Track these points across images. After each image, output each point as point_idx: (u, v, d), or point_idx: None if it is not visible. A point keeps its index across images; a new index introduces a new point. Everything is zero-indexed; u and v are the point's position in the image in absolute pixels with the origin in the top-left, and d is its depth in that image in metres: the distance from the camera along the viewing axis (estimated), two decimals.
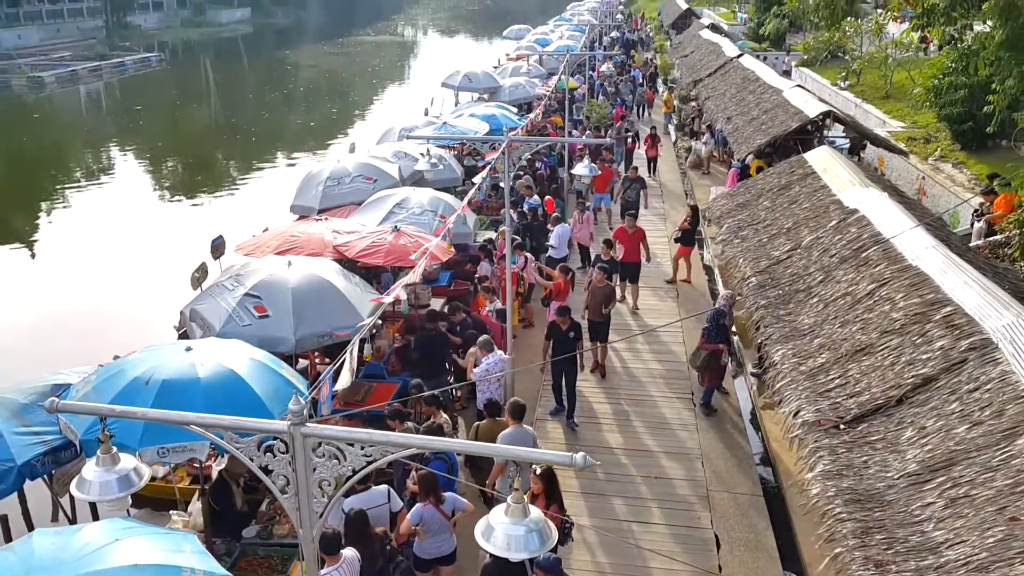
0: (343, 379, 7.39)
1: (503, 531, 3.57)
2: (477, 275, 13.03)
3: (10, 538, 7.29)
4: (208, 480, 8.17)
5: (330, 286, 9.37)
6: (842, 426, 6.85)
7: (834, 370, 7.65)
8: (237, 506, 8.08)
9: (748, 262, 11.01)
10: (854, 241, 9.54)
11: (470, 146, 19.59)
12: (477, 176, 13.49)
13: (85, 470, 4.31)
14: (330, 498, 4.03)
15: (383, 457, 3.90)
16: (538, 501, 7.09)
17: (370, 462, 3.90)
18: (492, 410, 8.62)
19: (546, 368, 10.82)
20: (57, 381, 7.61)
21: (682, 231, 15.13)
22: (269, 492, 4.27)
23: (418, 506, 7.11)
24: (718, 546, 8.51)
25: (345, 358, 7.60)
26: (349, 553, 6.36)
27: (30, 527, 7.34)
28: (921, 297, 7.64)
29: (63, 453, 7.03)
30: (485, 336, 10.01)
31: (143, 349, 7.67)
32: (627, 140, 22.90)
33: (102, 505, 7.57)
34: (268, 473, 4.05)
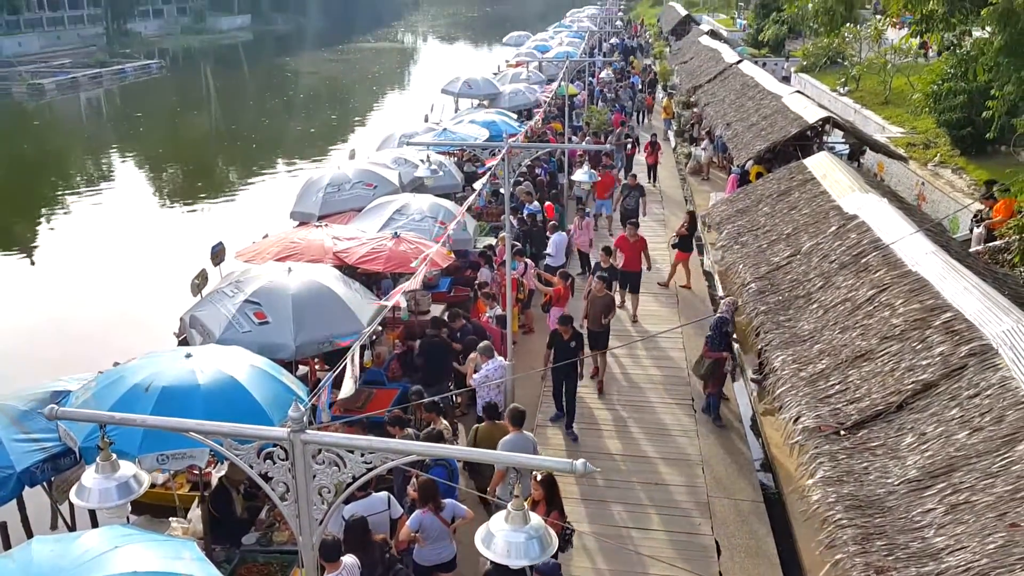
0: (346, 387, 7.39)
1: (503, 538, 3.56)
2: (477, 281, 13.03)
3: (9, 545, 7.28)
4: (208, 487, 8.16)
5: (330, 292, 9.36)
6: (842, 432, 6.84)
7: (834, 376, 7.65)
8: (237, 513, 8.07)
9: (748, 268, 11.01)
10: (854, 247, 9.55)
11: (470, 152, 19.62)
12: (477, 182, 13.52)
13: (84, 477, 4.31)
14: (330, 505, 4.03)
15: (383, 464, 3.90)
16: (538, 508, 7.07)
17: (370, 469, 3.90)
18: (491, 413, 8.64)
19: (546, 375, 10.81)
20: (57, 388, 7.60)
21: (679, 237, 15.13)
22: (269, 499, 4.26)
23: (417, 512, 7.09)
24: (719, 552, 8.49)
25: (346, 365, 7.60)
26: (349, 560, 6.35)
27: (29, 534, 7.32)
28: (921, 303, 7.64)
29: (62, 460, 7.01)
30: (485, 342, 10.01)
31: (143, 356, 7.66)
32: (627, 146, 22.94)
33: (101, 512, 7.55)
34: (268, 480, 4.05)
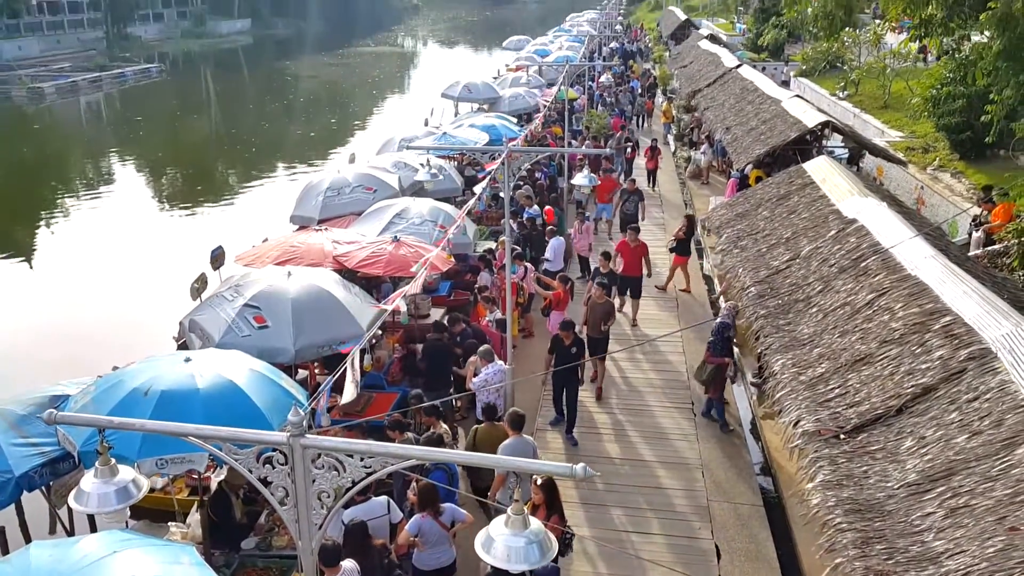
0: (347, 392, 7.38)
1: (503, 542, 3.56)
2: (477, 285, 13.04)
3: (7, 550, 7.26)
4: (207, 491, 8.15)
5: (330, 296, 9.37)
6: (842, 436, 6.84)
7: (834, 380, 7.65)
8: (236, 518, 8.06)
9: (747, 272, 11.02)
10: (853, 251, 9.55)
11: (470, 156, 19.65)
12: (477, 186, 13.52)
13: (83, 482, 4.30)
14: (329, 510, 4.02)
15: (383, 468, 3.89)
16: (539, 512, 7.07)
17: (369, 473, 3.89)
18: (490, 414, 8.66)
19: (547, 380, 10.80)
20: (55, 392, 7.59)
21: (677, 241, 15.13)
22: (268, 503, 4.26)
23: (416, 517, 7.08)
24: (718, 557, 8.48)
25: (346, 369, 7.59)
26: (348, 565, 6.33)
27: (27, 539, 7.31)
28: (920, 307, 7.64)
29: (61, 464, 7.01)
30: (486, 346, 10.01)
31: (142, 360, 7.66)
32: (627, 150, 22.97)
33: (100, 517, 7.54)
34: (267, 485, 4.04)
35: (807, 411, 7.34)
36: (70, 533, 7.77)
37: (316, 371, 10.96)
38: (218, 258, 12.37)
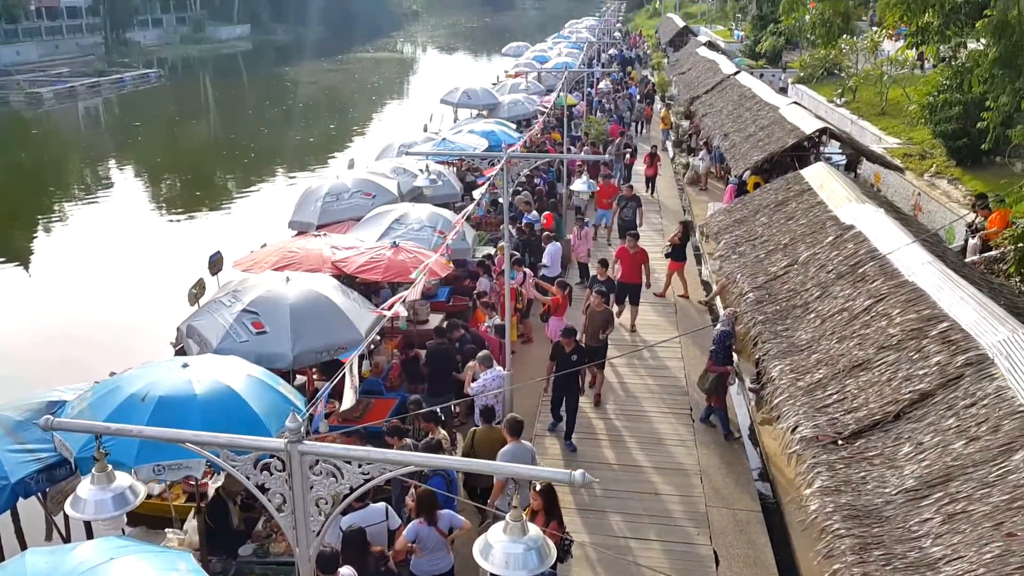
0: (347, 399, 7.37)
1: (502, 549, 3.55)
2: (476, 291, 13.04)
3: (2, 557, 7.26)
4: (204, 498, 8.13)
5: (328, 302, 9.36)
6: (840, 442, 6.84)
7: (832, 386, 7.65)
8: (233, 524, 8.04)
9: (746, 278, 11.03)
10: (851, 257, 9.56)
11: (469, 162, 19.66)
12: (476, 191, 13.52)
13: (80, 488, 4.28)
14: (327, 516, 4.01)
15: (381, 475, 3.89)
16: (537, 518, 7.06)
17: (368, 480, 3.88)
18: (488, 416, 8.67)
19: (548, 387, 10.78)
20: (52, 398, 7.58)
21: (673, 246, 15.15)
22: (265, 510, 4.25)
23: (414, 523, 7.07)
24: (717, 563, 8.47)
25: (344, 375, 7.58)
26: (346, 572, 6.32)
27: (23, 546, 7.30)
28: (918, 313, 7.65)
29: (58, 471, 6.99)
30: (485, 351, 10.01)
31: (139, 366, 7.65)
32: (626, 156, 23.00)
33: (97, 523, 7.52)
34: (264, 491, 4.03)
35: (805, 417, 7.34)
36: (66, 540, 7.75)
37: (314, 377, 10.94)
38: (216, 263, 12.36)
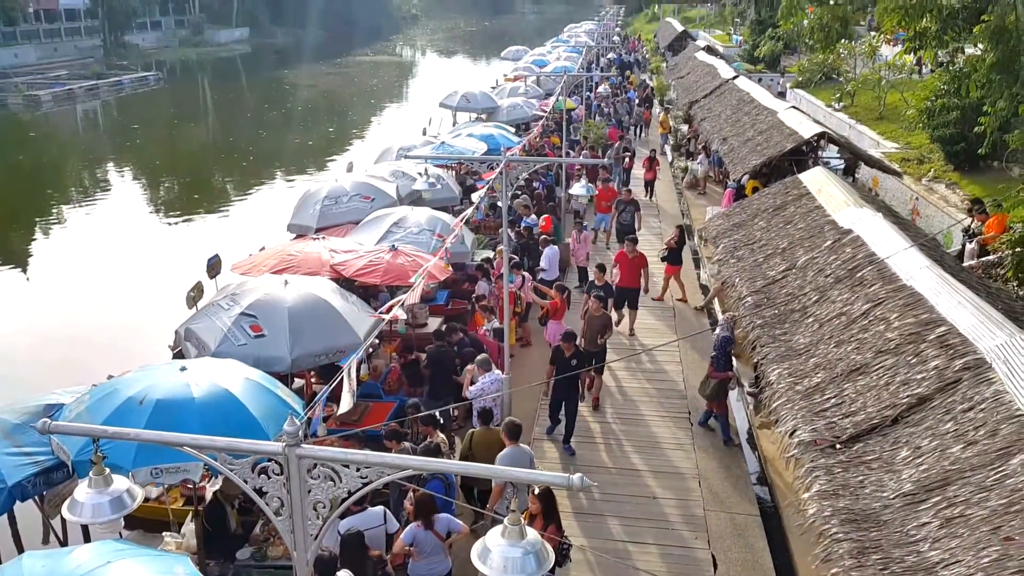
0: (344, 402, 7.37)
1: (500, 553, 3.54)
2: (475, 294, 13.03)
3: (0, 560, 7.22)
4: (202, 501, 8.12)
5: (327, 305, 9.36)
6: (838, 446, 6.84)
7: (830, 390, 7.65)
8: (231, 528, 8.03)
9: (744, 282, 11.04)
10: (849, 261, 9.58)
11: (468, 166, 19.68)
12: (475, 195, 13.52)
13: (77, 492, 4.27)
14: (325, 520, 4.00)
15: (379, 479, 3.88)
16: (535, 522, 7.05)
17: (366, 484, 3.87)
18: (486, 417, 8.69)
19: (547, 390, 10.77)
20: (50, 401, 7.57)
21: (669, 250, 15.16)
22: (263, 514, 4.24)
23: (411, 526, 7.07)
24: (715, 567, 8.47)
25: (343, 379, 7.58)
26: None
27: (20, 549, 7.28)
28: (915, 317, 7.66)
29: (55, 474, 6.98)
30: (484, 355, 10.01)
31: (137, 369, 7.65)
32: (625, 159, 23.02)
33: (94, 527, 7.49)
34: (262, 495, 4.02)
35: (803, 421, 7.34)
36: (63, 543, 7.73)
37: (312, 380, 10.94)
38: (214, 267, 12.36)
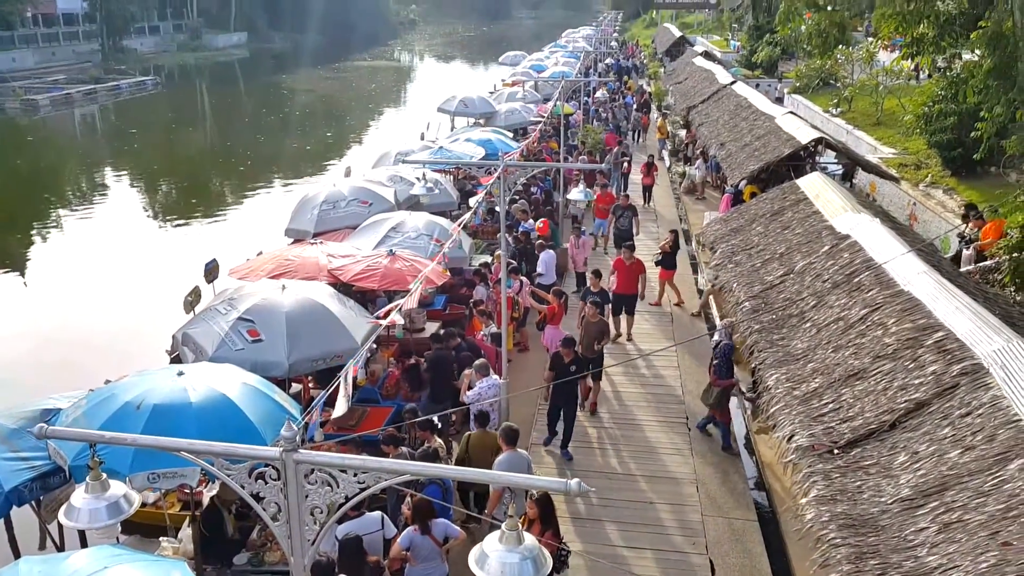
0: (339, 406, 7.36)
1: (497, 558, 3.54)
2: (472, 299, 13.03)
3: None
4: (199, 506, 8.10)
5: (324, 310, 9.36)
6: (836, 451, 6.84)
7: (827, 395, 7.66)
8: (228, 533, 8.01)
9: (742, 287, 11.05)
10: (846, 266, 9.59)
11: (466, 171, 19.70)
12: (473, 199, 13.54)
13: (74, 497, 4.27)
14: (322, 525, 4.00)
15: (377, 484, 3.88)
16: (533, 527, 7.04)
17: (363, 489, 3.87)
18: (482, 420, 8.69)
19: (547, 395, 10.74)
20: (47, 406, 7.55)
21: (663, 254, 15.18)
22: (261, 519, 4.23)
23: (408, 530, 7.06)
24: (713, 572, 8.46)
25: (339, 383, 7.57)
26: None
27: (17, 555, 7.24)
28: (913, 322, 7.67)
29: (52, 479, 6.96)
30: (482, 359, 10.00)
31: (134, 373, 7.64)
32: (623, 164, 23.06)
33: (91, 532, 7.48)
34: (259, 500, 4.02)
35: (801, 426, 7.34)
36: (60, 548, 7.70)
37: (310, 385, 10.93)
38: (212, 271, 12.35)
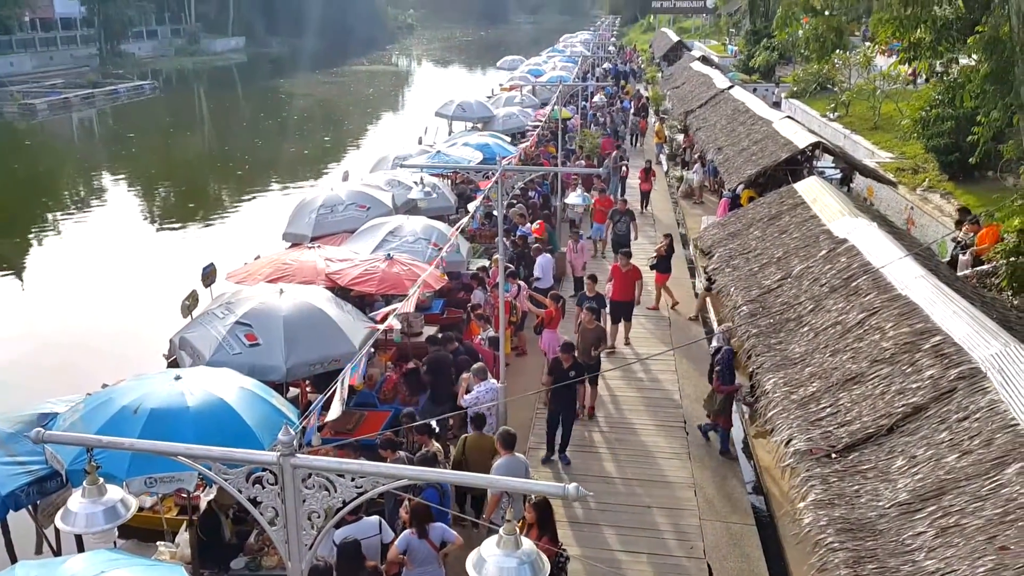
0: (334, 409, 7.35)
1: (495, 563, 3.54)
2: (470, 303, 13.02)
3: None
4: (196, 511, 8.08)
5: (322, 314, 9.35)
6: (834, 455, 6.85)
7: (825, 399, 7.67)
8: (225, 537, 7.99)
9: (739, 291, 11.06)
10: (844, 271, 9.61)
11: (464, 175, 19.70)
12: (471, 204, 13.52)
13: (71, 501, 4.26)
14: (319, 530, 3.99)
15: (374, 488, 3.87)
16: (531, 531, 7.02)
17: (361, 493, 3.87)
18: (479, 423, 8.69)
19: (546, 400, 10.71)
20: (44, 410, 7.54)
21: (658, 258, 15.19)
22: (258, 523, 4.22)
23: (405, 533, 7.04)
24: None
25: (336, 387, 7.56)
26: None
27: (13, 559, 7.22)
28: (911, 326, 7.69)
29: (49, 483, 6.94)
30: (480, 364, 9.99)
31: (132, 378, 7.62)
32: (621, 168, 23.08)
33: (88, 536, 7.46)
34: (257, 504, 4.01)
35: (799, 430, 7.35)
36: (57, 553, 7.68)
37: (307, 389, 10.91)
38: (209, 275, 12.34)
